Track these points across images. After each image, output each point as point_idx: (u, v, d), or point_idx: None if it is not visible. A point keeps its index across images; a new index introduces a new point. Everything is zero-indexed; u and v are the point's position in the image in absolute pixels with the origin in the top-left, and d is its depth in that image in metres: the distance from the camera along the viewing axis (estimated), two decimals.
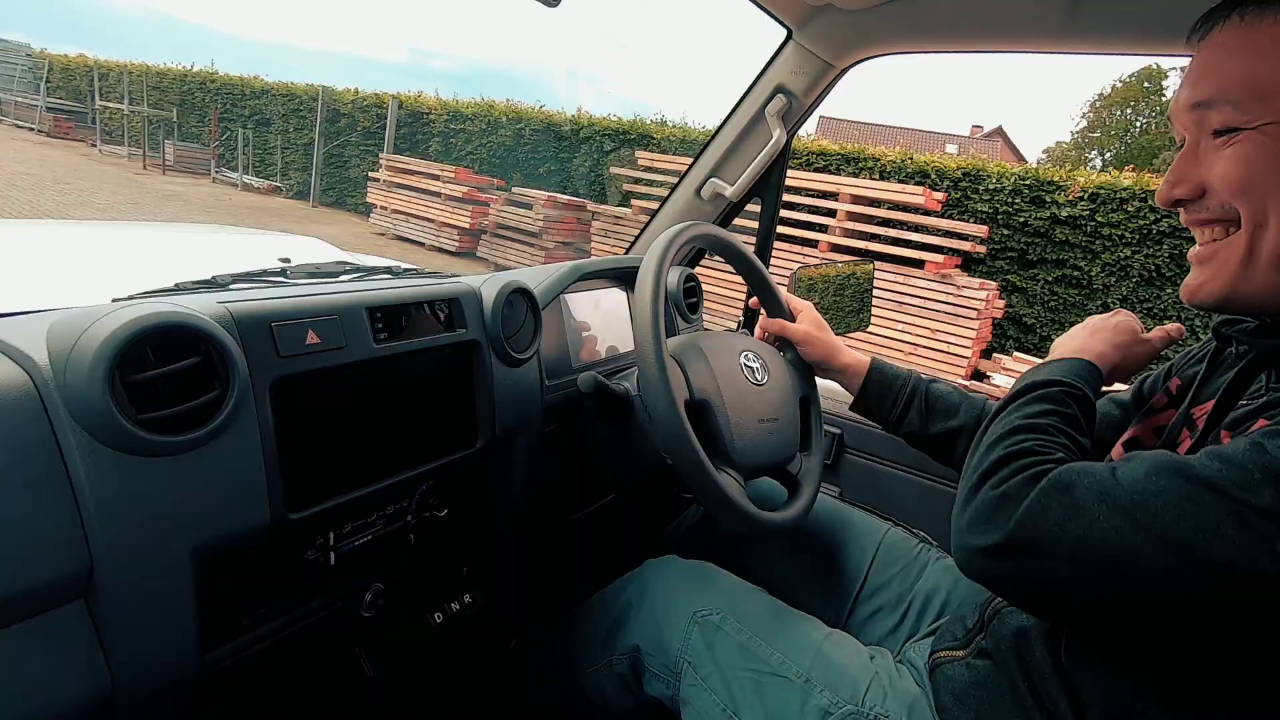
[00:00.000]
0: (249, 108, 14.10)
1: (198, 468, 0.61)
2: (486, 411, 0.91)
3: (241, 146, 13.15)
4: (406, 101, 11.72)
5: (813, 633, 0.78)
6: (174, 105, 15.15)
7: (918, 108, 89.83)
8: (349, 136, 12.27)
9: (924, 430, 0.94)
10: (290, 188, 13.33)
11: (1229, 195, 0.53)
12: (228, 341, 0.62)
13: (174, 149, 13.99)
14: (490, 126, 10.94)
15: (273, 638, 0.75)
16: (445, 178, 9.38)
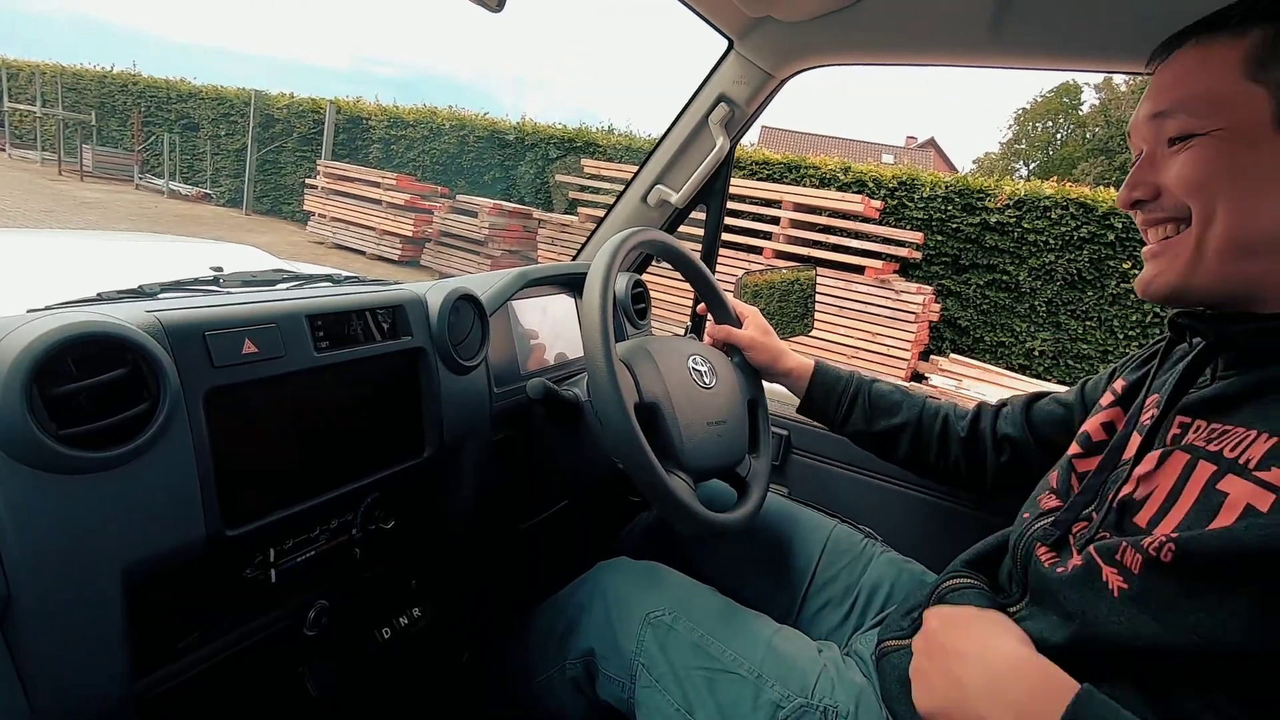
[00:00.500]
0: (175, 111, 13.56)
1: (127, 484, 0.58)
2: (434, 420, 0.89)
3: (168, 152, 12.66)
4: (345, 107, 11.52)
5: (763, 629, 0.79)
6: (93, 108, 14.37)
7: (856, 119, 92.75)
8: (284, 142, 11.88)
9: (868, 429, 0.97)
10: (221, 195, 12.86)
11: (1182, 194, 0.57)
12: (157, 351, 0.59)
13: (93, 154, 13.38)
14: (433, 133, 10.76)
15: (210, 661, 0.72)
16: (386, 185, 9.18)
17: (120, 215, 9.62)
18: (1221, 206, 0.55)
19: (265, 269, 1.00)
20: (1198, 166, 0.56)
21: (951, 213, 6.73)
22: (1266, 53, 0.53)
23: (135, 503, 0.59)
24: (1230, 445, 0.53)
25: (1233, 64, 0.55)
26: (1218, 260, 0.56)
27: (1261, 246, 0.55)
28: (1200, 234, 0.56)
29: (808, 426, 1.29)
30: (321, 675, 0.87)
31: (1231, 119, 0.55)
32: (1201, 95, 0.56)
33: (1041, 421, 0.88)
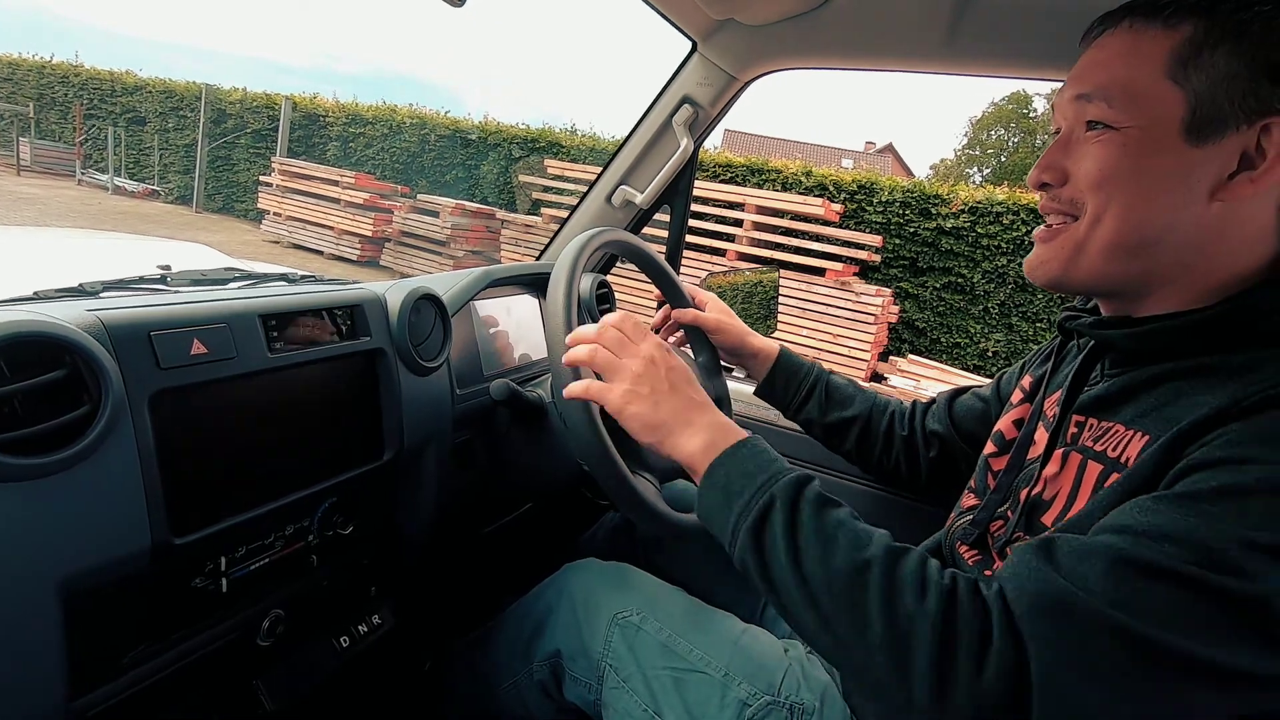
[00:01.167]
0: (120, 105, 12.94)
1: (66, 492, 0.55)
2: (394, 422, 0.87)
3: (113, 146, 12.07)
4: (301, 103, 11.16)
5: (731, 628, 0.80)
6: (31, 99, 13.64)
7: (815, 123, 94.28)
8: (236, 136, 11.47)
9: (821, 418, 0.98)
10: (170, 192, 12.35)
11: (1084, 187, 0.57)
12: (98, 352, 0.56)
13: (31, 147, 12.73)
14: (393, 131, 10.54)
15: (156, 676, 0.69)
16: (345, 183, 8.93)
17: (59, 212, 9.19)
18: (1113, 209, 0.55)
19: (216, 268, 0.96)
20: (1103, 164, 0.56)
21: (909, 217, 6.89)
22: (1191, 52, 0.52)
23: (74, 512, 0.56)
24: (1113, 445, 0.55)
25: (1158, 58, 0.53)
26: (1099, 258, 0.57)
27: (1143, 251, 0.55)
28: (1087, 232, 0.57)
29: (772, 427, 1.30)
30: (277, 687, 0.84)
31: (1144, 118, 0.54)
32: (1123, 85, 0.55)
33: (963, 416, 0.91)
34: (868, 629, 0.47)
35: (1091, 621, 0.42)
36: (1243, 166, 0.51)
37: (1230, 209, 0.52)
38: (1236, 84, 0.50)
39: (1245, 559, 0.40)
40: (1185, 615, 0.41)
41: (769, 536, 0.53)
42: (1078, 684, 0.41)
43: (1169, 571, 0.42)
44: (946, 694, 0.43)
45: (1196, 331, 0.53)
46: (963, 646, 0.44)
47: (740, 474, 0.58)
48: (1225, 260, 0.54)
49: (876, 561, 0.49)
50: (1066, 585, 0.44)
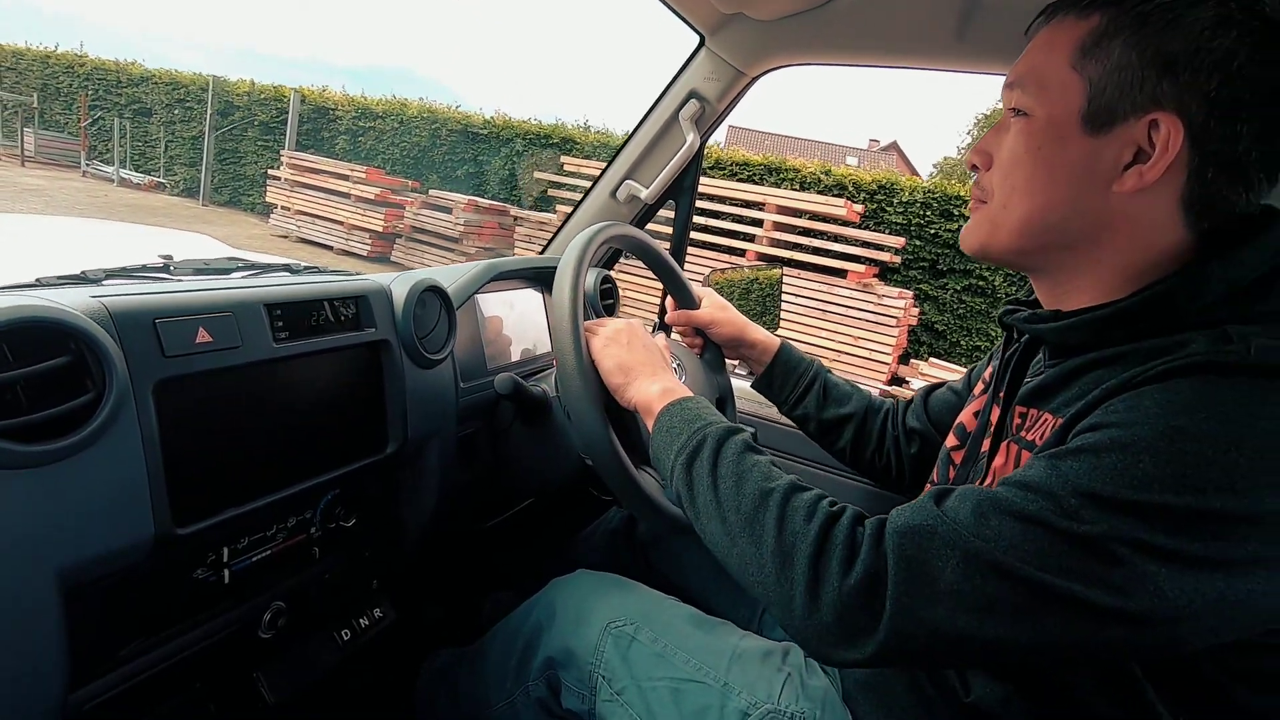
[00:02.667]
0: (126, 96, 12.71)
1: (68, 480, 0.55)
2: (398, 415, 0.87)
3: (119, 138, 11.77)
4: (310, 96, 10.93)
5: (728, 637, 0.78)
6: (35, 90, 13.46)
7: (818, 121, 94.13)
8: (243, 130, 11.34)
9: (817, 414, 0.98)
10: (176, 185, 12.15)
11: (997, 175, 0.59)
12: (103, 339, 0.56)
13: (35, 138, 12.50)
14: (403, 126, 10.40)
15: (156, 668, 0.69)
16: (355, 178, 8.70)
17: (65, 204, 9.08)
18: (1016, 194, 0.57)
19: (219, 257, 0.95)
20: (1013, 149, 0.58)
21: (930, 218, 6.77)
22: (1093, 42, 0.53)
23: (77, 500, 0.55)
24: (1039, 433, 0.57)
25: (1067, 48, 0.54)
26: (1011, 237, 0.59)
27: (1048, 235, 0.57)
28: (998, 213, 0.59)
29: (775, 424, 1.30)
30: (277, 680, 0.84)
31: (1050, 106, 0.55)
32: (1036, 73, 0.56)
33: (938, 410, 0.91)
34: (762, 543, 0.54)
35: (950, 544, 0.47)
36: (1138, 160, 0.52)
37: (1128, 200, 0.53)
38: (1127, 74, 0.51)
39: (1082, 505, 0.45)
40: (1029, 546, 0.45)
41: (696, 469, 0.62)
42: (929, 596, 0.47)
43: (1022, 512, 0.47)
44: (818, 598, 0.50)
45: (1115, 321, 0.54)
46: (834, 559, 0.50)
47: (683, 420, 0.66)
48: (1133, 249, 0.55)
49: (779, 490, 0.56)
50: (939, 516, 0.49)
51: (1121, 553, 0.43)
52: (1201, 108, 0.49)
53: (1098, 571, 0.44)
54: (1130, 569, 0.43)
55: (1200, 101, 0.49)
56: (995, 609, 0.46)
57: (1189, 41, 0.49)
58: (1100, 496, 0.44)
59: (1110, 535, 0.44)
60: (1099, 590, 0.44)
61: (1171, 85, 0.50)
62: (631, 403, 0.72)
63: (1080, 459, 0.46)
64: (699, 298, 1.03)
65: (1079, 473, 0.46)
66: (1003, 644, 0.46)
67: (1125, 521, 0.44)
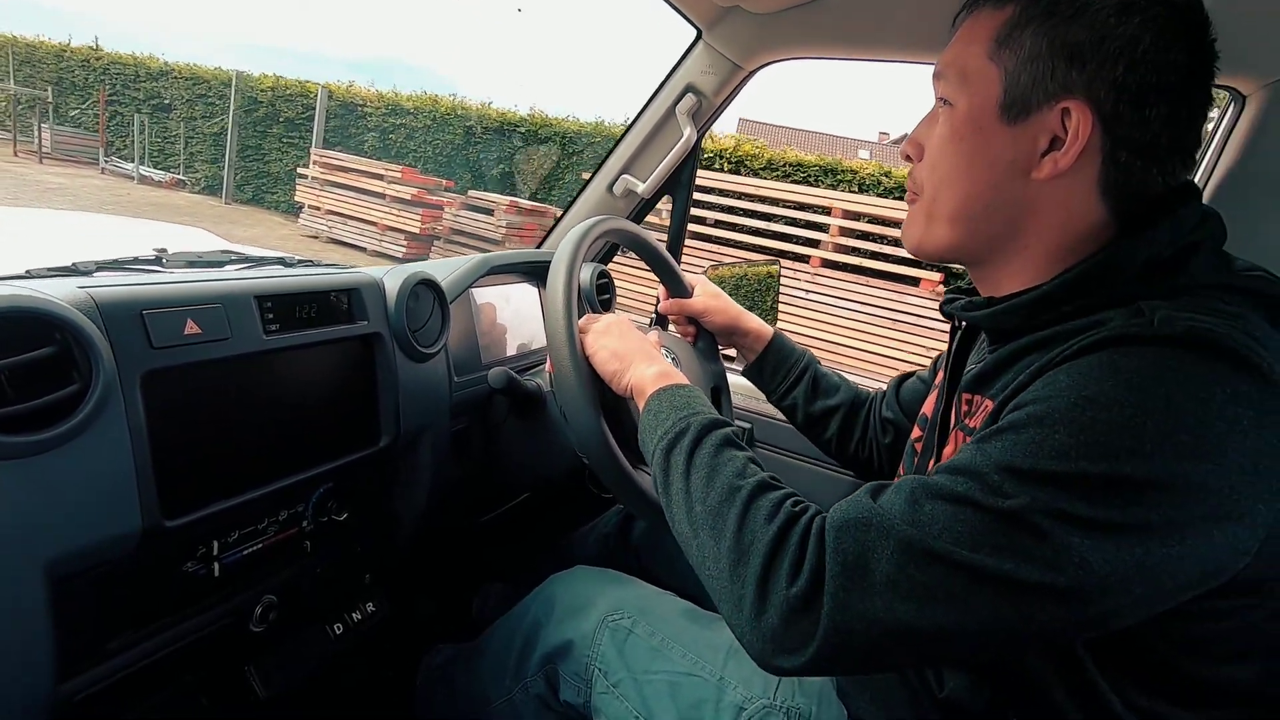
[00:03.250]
0: (144, 90, 12.22)
1: (54, 471, 0.54)
2: (390, 408, 0.86)
3: (139, 134, 11.33)
4: (337, 92, 10.56)
5: (725, 631, 0.78)
6: (49, 84, 12.89)
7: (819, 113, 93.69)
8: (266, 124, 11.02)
9: (805, 405, 0.98)
10: (197, 182, 11.74)
11: (924, 166, 0.60)
12: (89, 329, 0.55)
13: (52, 134, 11.98)
14: (437, 123, 9.97)
15: (145, 660, 0.68)
16: (390, 177, 8.26)
17: (90, 202, 8.85)
18: (942, 184, 0.58)
19: (213, 250, 0.95)
20: (937, 139, 0.58)
21: None
22: (1007, 32, 0.53)
23: (63, 492, 0.55)
24: (979, 419, 0.57)
25: (984, 39, 0.55)
26: (943, 229, 0.59)
27: (975, 223, 0.58)
28: (928, 205, 0.60)
29: (772, 420, 1.30)
30: (269, 673, 0.84)
31: (969, 96, 0.56)
32: (957, 64, 0.57)
33: (909, 399, 0.91)
34: (721, 539, 0.54)
35: (884, 534, 0.47)
36: (1054, 147, 0.53)
37: (1048, 186, 0.53)
38: (1038, 64, 0.52)
39: (1004, 480, 0.45)
40: (960, 528, 0.45)
41: (674, 456, 0.61)
42: (865, 590, 0.47)
43: (950, 494, 0.47)
44: (765, 600, 0.49)
45: (1041, 304, 0.54)
46: (785, 563, 0.50)
47: (670, 406, 0.66)
48: (1055, 233, 0.55)
49: (746, 488, 0.55)
50: (874, 508, 0.49)
51: (1045, 525, 0.43)
52: (1110, 94, 0.50)
53: (1025, 546, 0.44)
54: (1054, 541, 0.43)
55: (1108, 88, 0.50)
56: (933, 596, 0.45)
57: (1094, 30, 0.50)
58: (1020, 470, 0.45)
59: (1032, 507, 0.44)
60: (1028, 566, 0.43)
61: (1080, 73, 0.50)
62: (627, 387, 0.72)
63: (1003, 437, 0.47)
64: (692, 286, 1.03)
65: (1001, 450, 0.46)
66: (944, 633, 0.46)
67: (1045, 492, 0.44)
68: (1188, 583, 0.45)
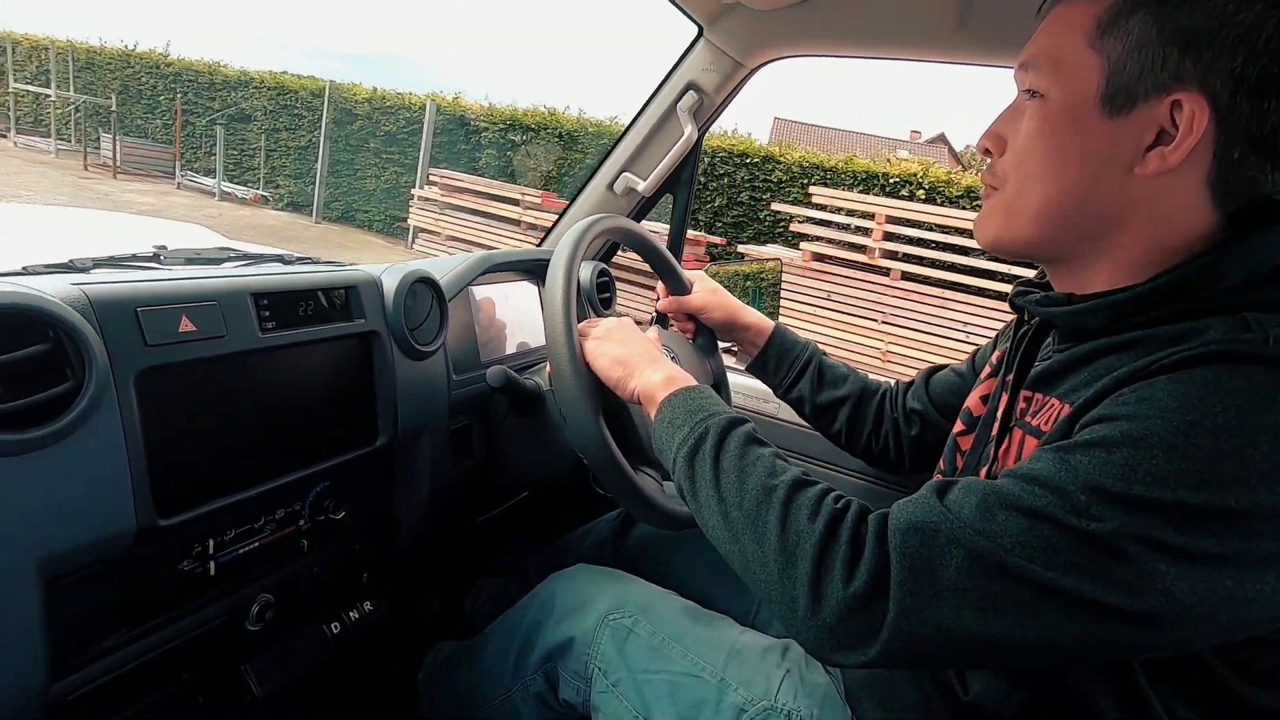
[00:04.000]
0: (221, 100, 11.48)
1: (46, 470, 0.54)
2: (388, 407, 0.86)
3: (222, 147, 10.73)
4: (445, 105, 9.85)
5: (727, 631, 0.77)
6: (113, 92, 12.11)
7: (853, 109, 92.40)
8: (362, 138, 10.32)
9: (812, 396, 0.97)
10: (280, 198, 11.11)
11: (1011, 161, 0.57)
12: (82, 326, 0.55)
13: (121, 145, 11.20)
14: (564, 140, 8.98)
15: (139, 659, 0.68)
16: (528, 201, 7.30)
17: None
18: (1031, 179, 0.55)
19: (211, 247, 0.94)
20: (1028, 132, 0.55)
21: None
22: (1111, 19, 0.51)
23: (55, 490, 0.55)
24: (1045, 419, 0.56)
25: (1084, 26, 0.52)
26: (1026, 224, 0.57)
27: (1065, 220, 0.55)
28: (1012, 200, 0.57)
29: (771, 420, 1.29)
30: (265, 673, 0.84)
31: (1066, 87, 0.53)
32: (1051, 52, 0.54)
33: (940, 391, 0.89)
34: (765, 541, 0.53)
35: (954, 542, 0.46)
36: (1160, 141, 0.50)
37: (1151, 183, 0.51)
38: (1147, 52, 0.49)
39: (1092, 501, 0.43)
40: (1036, 543, 0.44)
41: (699, 462, 0.60)
42: (933, 595, 0.46)
43: (1029, 508, 0.45)
44: (821, 599, 0.49)
45: (1131, 306, 0.52)
46: (839, 559, 0.49)
47: (685, 411, 0.65)
48: (1155, 233, 0.52)
49: (783, 486, 0.55)
50: (944, 512, 0.48)
51: (1131, 550, 0.42)
52: (1227, 85, 0.47)
53: (1106, 569, 0.42)
54: (1139, 567, 0.42)
55: (1225, 79, 0.47)
56: (1001, 607, 0.44)
57: (1212, 17, 0.47)
58: (1110, 492, 0.43)
59: (1120, 532, 0.42)
60: (1107, 589, 0.42)
61: (1194, 63, 0.47)
62: (634, 394, 0.71)
63: (1090, 453, 0.45)
64: (690, 283, 1.03)
65: (1089, 467, 0.44)
66: (1008, 642, 0.45)
67: (1136, 518, 0.42)
68: (1274, 615, 0.43)
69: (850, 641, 0.48)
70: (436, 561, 1.19)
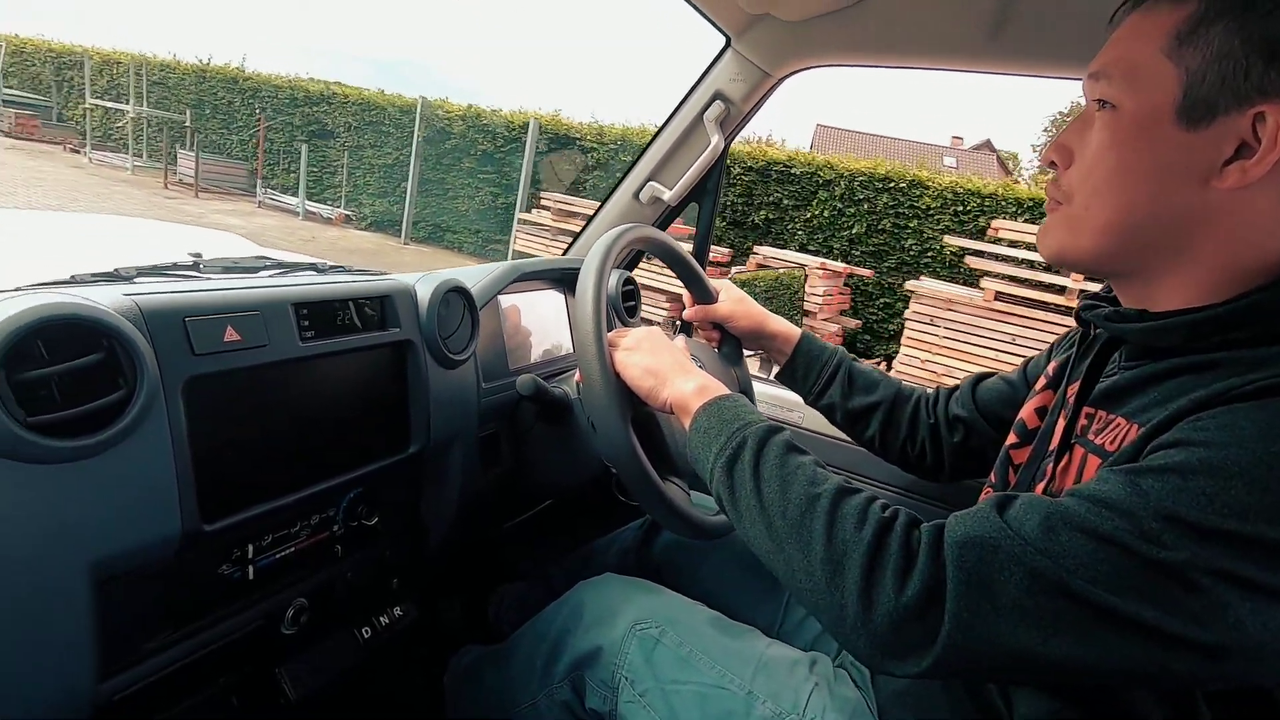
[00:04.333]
0: (302, 115, 11.18)
1: (99, 476, 0.55)
2: (421, 414, 0.87)
3: (305, 165, 10.42)
4: (548, 124, 9.36)
5: (754, 643, 0.77)
6: (187, 106, 12.12)
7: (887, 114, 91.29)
8: (455, 157, 10.06)
9: (844, 403, 0.96)
10: (363, 218, 10.75)
11: (1077, 174, 0.56)
12: (135, 336, 0.56)
13: (199, 162, 10.87)
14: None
15: (182, 661, 0.69)
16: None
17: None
18: (1100, 195, 0.54)
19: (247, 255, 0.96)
20: (1099, 142, 0.54)
21: None
22: (1190, 28, 0.49)
23: (107, 496, 0.56)
24: (1111, 438, 0.54)
25: (1160, 36, 0.51)
26: (1093, 238, 0.56)
27: (1135, 234, 0.54)
28: (1080, 213, 0.56)
29: (800, 430, 1.29)
30: (299, 676, 0.85)
31: (1140, 97, 0.52)
32: (1125, 61, 0.53)
33: (988, 399, 0.88)
34: (810, 550, 0.52)
35: (1014, 559, 0.45)
36: (1241, 155, 0.48)
37: (1229, 197, 0.49)
38: (1229, 63, 0.47)
39: (1165, 530, 0.42)
40: (1102, 567, 0.43)
41: (738, 472, 0.60)
42: (990, 612, 0.45)
43: (1096, 530, 0.44)
44: (872, 608, 0.48)
45: (1209, 326, 0.50)
46: (889, 568, 0.48)
47: (720, 420, 0.65)
48: (1232, 251, 0.51)
49: (826, 495, 0.54)
50: (1004, 528, 0.47)
51: (1204, 582, 0.41)
52: None
53: (1175, 598, 0.42)
54: (1210, 598, 0.41)
55: None
56: (1060, 628, 0.44)
57: None
58: (1185, 521, 0.42)
59: (1193, 563, 0.41)
60: (1174, 618, 0.42)
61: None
62: (666, 403, 0.71)
63: (1165, 479, 0.44)
64: (716, 292, 1.03)
65: (1163, 493, 0.43)
66: (1065, 663, 0.44)
67: (1211, 550, 0.41)
68: None
69: (902, 651, 0.48)
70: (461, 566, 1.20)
